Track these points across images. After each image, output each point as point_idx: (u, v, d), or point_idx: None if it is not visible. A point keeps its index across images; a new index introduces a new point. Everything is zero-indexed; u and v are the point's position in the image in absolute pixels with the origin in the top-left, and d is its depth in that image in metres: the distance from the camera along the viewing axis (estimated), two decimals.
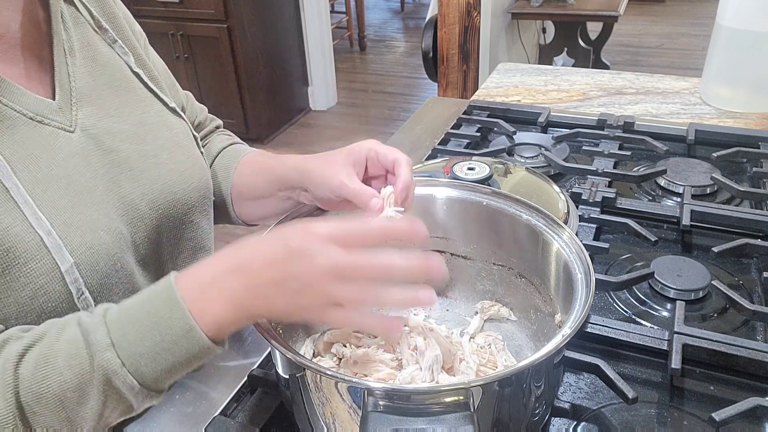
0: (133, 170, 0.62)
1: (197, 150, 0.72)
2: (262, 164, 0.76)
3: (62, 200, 0.55)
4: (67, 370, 0.47)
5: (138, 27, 0.74)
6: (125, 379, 0.47)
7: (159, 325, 0.47)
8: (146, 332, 0.47)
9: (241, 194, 0.78)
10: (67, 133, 0.58)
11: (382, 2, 6.28)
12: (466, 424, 0.44)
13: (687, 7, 5.42)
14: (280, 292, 0.48)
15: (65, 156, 0.57)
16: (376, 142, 0.64)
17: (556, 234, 0.62)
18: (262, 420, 0.61)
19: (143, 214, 0.63)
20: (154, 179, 0.64)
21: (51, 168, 0.55)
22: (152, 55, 0.75)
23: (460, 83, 2.31)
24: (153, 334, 0.47)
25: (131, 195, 0.62)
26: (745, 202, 0.97)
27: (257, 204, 0.77)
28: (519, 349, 0.66)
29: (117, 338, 0.47)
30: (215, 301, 0.48)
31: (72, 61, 0.61)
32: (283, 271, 0.47)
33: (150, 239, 0.64)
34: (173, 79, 0.79)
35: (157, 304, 0.49)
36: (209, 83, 3.33)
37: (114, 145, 0.62)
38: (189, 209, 0.68)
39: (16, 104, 0.54)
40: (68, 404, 0.47)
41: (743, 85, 1.26)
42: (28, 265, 0.51)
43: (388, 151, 0.62)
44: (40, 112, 0.56)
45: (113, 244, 0.58)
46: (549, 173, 1.04)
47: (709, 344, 0.66)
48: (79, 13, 0.64)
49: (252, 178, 0.76)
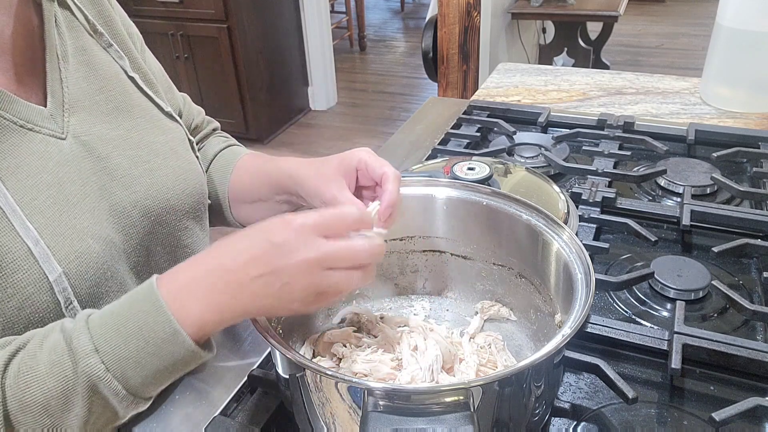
0: (124, 177, 0.62)
1: (192, 155, 0.72)
2: (259, 167, 0.76)
3: (51, 209, 0.54)
4: (50, 377, 0.46)
5: (135, 29, 0.74)
6: (110, 385, 0.47)
7: (142, 329, 0.47)
8: (130, 336, 0.47)
9: (237, 197, 0.78)
10: (59, 140, 0.57)
11: (382, 2, 6.28)
12: (466, 424, 0.44)
13: (687, 7, 5.42)
14: (266, 289, 0.48)
15: (56, 164, 0.56)
16: (367, 152, 0.63)
17: (556, 234, 0.62)
18: (262, 420, 0.61)
19: (135, 221, 0.62)
20: (147, 186, 0.64)
21: (40, 176, 0.55)
22: (149, 57, 0.75)
23: (460, 83, 2.31)
24: (137, 338, 0.47)
25: (123, 203, 0.61)
26: (745, 202, 0.97)
27: (254, 207, 0.77)
28: (519, 349, 0.66)
29: (100, 343, 0.47)
30: (199, 302, 0.48)
31: (65, 67, 0.60)
32: (268, 267, 0.47)
33: (143, 246, 0.64)
34: (170, 81, 0.78)
35: (139, 307, 0.48)
36: (209, 83, 3.33)
37: (106, 152, 0.61)
38: (183, 215, 0.68)
39: (7, 112, 0.54)
40: (53, 412, 0.47)
41: (743, 85, 1.26)
42: (14, 276, 0.51)
43: (377, 164, 0.62)
44: (31, 120, 0.55)
45: (103, 252, 0.58)
46: (549, 173, 1.04)
47: (709, 344, 0.66)
48: (74, 17, 0.63)
49: (249, 182, 0.76)
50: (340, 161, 0.64)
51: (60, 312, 0.54)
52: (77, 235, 0.56)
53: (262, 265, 0.47)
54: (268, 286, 0.47)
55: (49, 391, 0.46)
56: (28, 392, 0.46)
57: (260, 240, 0.48)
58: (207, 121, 0.85)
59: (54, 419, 0.47)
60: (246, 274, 0.47)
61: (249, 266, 0.48)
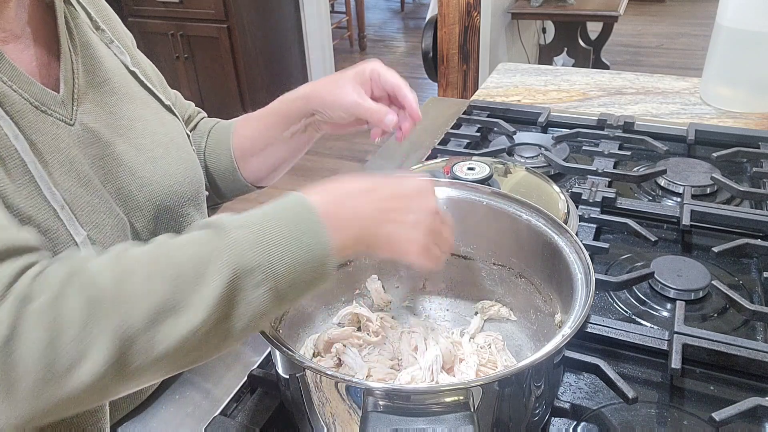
0: (130, 163, 0.64)
1: (190, 147, 0.74)
2: (261, 113, 0.79)
3: (66, 183, 0.56)
4: (184, 249, 0.43)
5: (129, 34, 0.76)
6: (254, 259, 0.43)
7: (289, 222, 0.46)
8: (275, 224, 0.45)
9: (244, 152, 0.79)
10: (68, 126, 0.59)
11: (382, 2, 6.28)
12: (466, 424, 0.44)
13: (687, 7, 5.42)
14: (399, 221, 0.52)
15: (66, 145, 0.58)
16: (379, 63, 0.68)
17: (556, 234, 0.62)
18: (262, 420, 0.61)
19: (141, 204, 0.64)
20: (151, 172, 0.65)
21: (53, 154, 0.56)
22: (140, 53, 0.77)
23: (460, 83, 2.31)
24: (279, 227, 0.45)
25: (129, 186, 0.63)
26: (745, 202, 0.97)
27: (263, 155, 0.79)
28: (519, 349, 0.66)
29: (247, 221, 0.45)
30: (352, 217, 0.50)
31: (75, 59, 0.63)
32: (405, 202, 0.53)
33: (148, 230, 0.65)
34: (162, 78, 0.81)
35: (286, 214, 0.47)
36: (209, 83, 3.33)
37: (111, 140, 0.63)
38: (184, 202, 0.70)
39: (25, 92, 0.56)
40: (182, 286, 0.41)
41: (743, 85, 1.26)
42: (45, 236, 0.52)
43: (388, 74, 0.66)
44: (45, 102, 0.57)
45: (116, 227, 0.60)
46: (549, 173, 1.04)
47: (709, 344, 0.66)
48: (78, 13, 0.65)
49: (252, 131, 0.79)
50: (356, 72, 0.68)
51: None
52: (92, 208, 0.57)
53: (401, 198, 0.53)
54: (402, 219, 0.52)
55: (187, 259, 0.42)
56: (160, 259, 0.42)
57: (401, 181, 0.55)
58: (197, 110, 0.88)
59: (179, 297, 0.41)
60: (389, 202, 0.52)
61: (392, 198, 0.53)
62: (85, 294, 0.40)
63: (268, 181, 0.83)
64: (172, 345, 0.41)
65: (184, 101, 0.86)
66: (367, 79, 0.67)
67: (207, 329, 0.42)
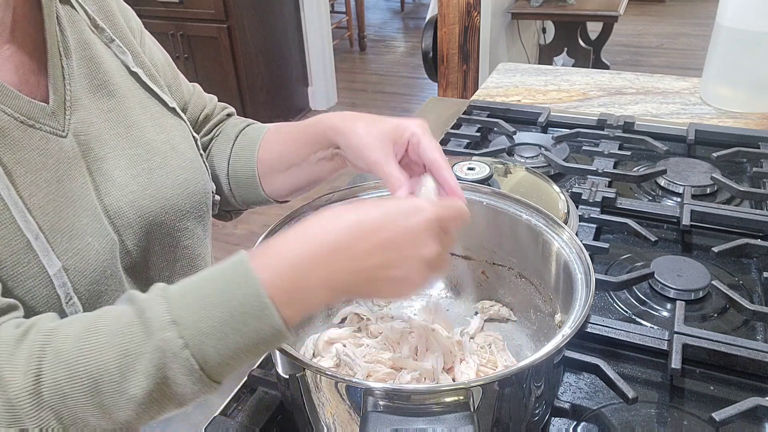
0: (121, 177, 0.62)
1: (195, 153, 0.71)
2: (292, 129, 0.73)
3: (50, 205, 0.54)
4: (109, 348, 0.42)
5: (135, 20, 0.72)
6: (186, 362, 0.43)
7: (229, 301, 0.43)
8: (214, 308, 0.43)
9: (270, 168, 0.74)
10: (59, 138, 0.57)
11: (382, 2, 6.28)
12: (466, 424, 0.44)
13: (687, 7, 5.42)
14: (385, 278, 0.47)
15: (55, 161, 0.56)
16: (422, 127, 0.60)
17: (556, 234, 0.62)
18: (262, 420, 0.61)
19: (131, 221, 0.62)
20: (144, 186, 0.63)
21: (40, 173, 0.54)
22: (151, 46, 0.73)
23: (460, 83, 2.31)
24: (221, 310, 0.43)
25: (119, 203, 0.61)
26: (745, 202, 0.97)
27: (288, 174, 0.73)
28: (519, 349, 0.66)
29: (180, 315, 0.43)
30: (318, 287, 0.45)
31: (68, 63, 0.60)
32: (394, 254, 0.46)
33: (140, 247, 0.64)
34: (176, 71, 0.76)
35: (226, 278, 0.45)
36: (209, 83, 3.32)
37: (103, 153, 0.61)
38: (183, 216, 0.67)
39: (8, 107, 0.53)
40: (104, 388, 0.42)
41: (743, 85, 1.26)
42: (15, 268, 0.50)
43: (430, 146, 0.59)
44: (33, 116, 0.55)
45: (103, 250, 0.58)
46: (549, 173, 1.04)
47: (709, 344, 0.66)
48: (75, 12, 0.63)
49: (281, 147, 0.73)
50: (395, 127, 0.60)
51: (60, 307, 0.53)
52: (76, 232, 0.55)
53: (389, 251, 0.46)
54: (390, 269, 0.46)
55: (107, 363, 0.42)
56: (82, 360, 0.42)
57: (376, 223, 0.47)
58: (221, 107, 0.83)
59: (104, 397, 0.42)
60: (369, 260, 0.46)
61: (368, 250, 0.45)
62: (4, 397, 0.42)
63: (289, 197, 0.78)
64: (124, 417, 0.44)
65: (205, 95, 0.81)
66: (404, 142, 0.60)
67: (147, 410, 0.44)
